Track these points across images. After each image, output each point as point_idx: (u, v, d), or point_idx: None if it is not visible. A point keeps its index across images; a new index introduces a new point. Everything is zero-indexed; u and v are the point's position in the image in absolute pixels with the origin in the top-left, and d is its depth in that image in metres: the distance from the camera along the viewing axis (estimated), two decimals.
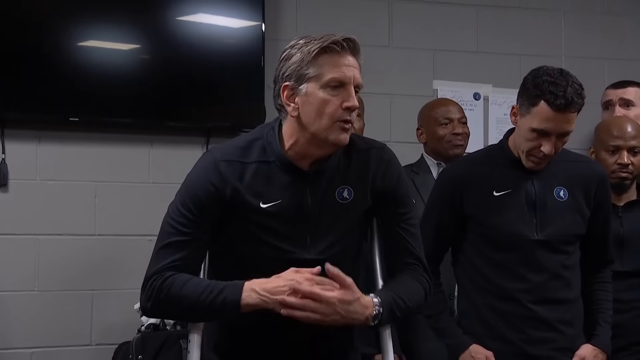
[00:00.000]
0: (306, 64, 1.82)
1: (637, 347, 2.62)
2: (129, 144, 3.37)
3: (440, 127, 3.10)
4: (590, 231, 2.38)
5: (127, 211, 3.34)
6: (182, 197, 1.89)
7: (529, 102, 2.25)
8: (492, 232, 2.33)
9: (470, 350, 2.32)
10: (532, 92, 2.24)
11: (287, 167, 1.89)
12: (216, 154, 1.92)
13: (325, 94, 1.83)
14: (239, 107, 3.44)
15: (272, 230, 1.88)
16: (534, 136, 2.26)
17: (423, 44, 3.74)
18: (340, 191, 1.92)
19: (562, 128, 2.24)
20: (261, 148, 1.90)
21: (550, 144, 2.25)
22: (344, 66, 1.83)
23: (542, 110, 2.22)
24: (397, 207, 1.97)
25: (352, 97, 1.83)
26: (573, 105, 2.20)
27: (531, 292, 2.30)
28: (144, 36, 3.33)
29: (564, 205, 2.33)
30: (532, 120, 2.24)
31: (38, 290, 3.24)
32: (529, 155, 2.30)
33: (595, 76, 3.72)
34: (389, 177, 1.95)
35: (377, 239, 2.01)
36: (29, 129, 3.25)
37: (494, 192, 2.33)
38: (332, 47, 1.82)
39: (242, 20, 3.45)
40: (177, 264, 1.84)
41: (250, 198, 1.87)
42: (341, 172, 1.92)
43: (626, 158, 2.66)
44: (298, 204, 1.89)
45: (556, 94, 2.19)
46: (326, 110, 1.83)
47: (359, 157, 1.95)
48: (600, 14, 3.97)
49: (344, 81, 1.83)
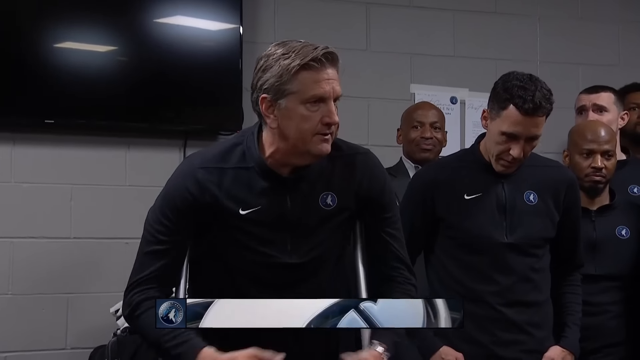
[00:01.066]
0: (286, 80, 1.80)
1: (608, 349, 2.64)
2: (105, 146, 3.35)
3: (412, 129, 3.14)
4: (560, 235, 2.41)
5: (103, 214, 3.32)
6: (161, 205, 1.90)
7: (499, 106, 2.29)
8: (463, 235, 2.35)
9: (440, 352, 2.34)
10: (502, 95, 2.28)
11: (266, 173, 1.89)
12: (195, 161, 1.92)
13: (305, 109, 1.81)
14: (217, 110, 3.44)
15: (252, 235, 1.88)
16: (503, 140, 2.29)
17: (400, 47, 3.76)
18: (324, 197, 1.92)
19: (530, 132, 2.27)
20: (241, 153, 1.90)
21: (519, 147, 2.28)
22: (323, 81, 1.81)
23: (511, 113, 2.26)
24: (383, 212, 1.97)
25: (332, 113, 1.82)
26: (541, 110, 2.24)
27: (500, 294, 2.32)
28: (121, 38, 3.31)
29: (534, 209, 2.36)
30: (502, 124, 2.28)
31: (12, 294, 3.21)
32: (499, 159, 2.33)
33: (569, 81, 3.76)
34: (374, 183, 1.95)
35: (360, 243, 2.00)
36: (4, 131, 3.22)
37: (465, 195, 2.36)
38: (312, 64, 1.79)
39: (220, 23, 3.44)
40: (157, 273, 1.88)
41: (230, 204, 1.87)
42: (324, 177, 1.92)
43: (600, 162, 2.68)
44: (278, 210, 1.89)
45: (525, 98, 2.23)
46: (305, 126, 1.82)
47: (343, 163, 1.94)
48: (575, 19, 4.02)
49: (324, 97, 1.81)
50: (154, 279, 1.87)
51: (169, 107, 3.38)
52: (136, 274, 1.89)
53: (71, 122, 3.27)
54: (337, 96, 1.84)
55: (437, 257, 2.42)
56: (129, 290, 1.90)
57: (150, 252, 1.89)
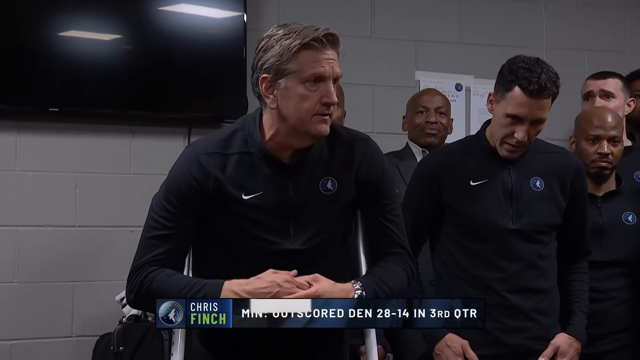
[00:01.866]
0: (286, 60, 1.81)
1: (615, 336, 2.64)
2: (109, 134, 3.35)
3: (417, 114, 3.14)
4: (567, 222, 2.40)
5: (107, 202, 3.33)
6: (165, 191, 1.91)
7: (504, 88, 2.28)
8: (469, 222, 2.34)
9: (445, 340, 2.33)
10: (507, 77, 2.28)
11: (268, 159, 1.89)
12: (197, 147, 1.92)
13: (304, 89, 1.82)
14: (221, 98, 3.43)
15: (254, 221, 1.89)
16: (508, 122, 2.28)
17: (405, 34, 3.75)
18: (324, 182, 1.92)
19: (535, 114, 2.26)
20: (243, 139, 1.91)
21: (523, 130, 2.27)
22: (323, 61, 1.82)
23: (516, 95, 2.25)
24: (381, 198, 1.97)
25: (331, 93, 1.83)
26: (546, 91, 2.23)
27: (506, 281, 2.31)
28: (125, 26, 3.31)
29: (540, 195, 2.35)
30: (507, 106, 2.27)
31: (18, 282, 3.22)
32: (503, 143, 2.32)
33: (575, 67, 3.75)
34: (373, 169, 1.95)
35: (362, 230, 2.01)
36: (8, 120, 3.22)
37: (471, 181, 2.35)
38: (313, 44, 1.81)
39: (224, 11, 3.43)
40: (161, 257, 1.87)
41: (233, 190, 1.87)
42: (324, 163, 1.93)
43: (606, 148, 2.67)
44: (280, 196, 1.89)
45: (530, 79, 2.22)
46: (305, 106, 1.83)
47: (342, 149, 1.95)
48: (580, 5, 4.00)
49: (324, 76, 1.83)
50: (156, 262, 1.87)
51: (173, 96, 3.37)
52: (138, 259, 1.89)
53: (76, 110, 3.27)
54: (337, 77, 1.85)
55: (442, 244, 2.41)
56: (131, 275, 1.89)
57: (153, 237, 1.88)
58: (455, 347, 2.32)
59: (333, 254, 1.95)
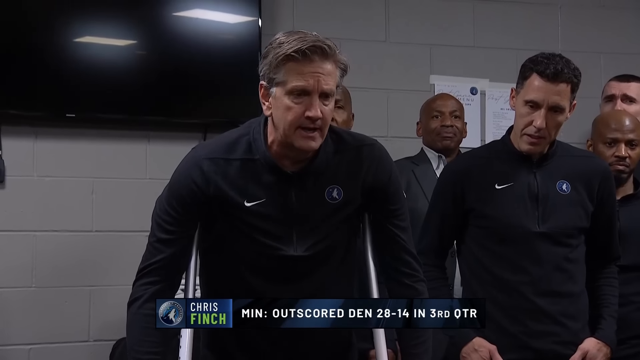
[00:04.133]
0: (274, 69, 1.79)
1: (635, 341, 2.61)
2: (125, 140, 3.36)
3: (432, 119, 3.13)
4: (595, 226, 2.38)
5: (124, 207, 3.34)
6: (167, 195, 1.91)
7: (522, 77, 2.30)
8: (494, 225, 2.33)
9: (473, 343, 2.31)
10: (526, 66, 2.30)
11: (271, 167, 1.88)
12: (201, 151, 1.91)
13: (289, 101, 1.79)
14: (236, 103, 3.44)
15: (257, 228, 1.88)
16: (527, 110, 2.28)
17: (420, 38, 3.74)
18: (330, 191, 1.90)
19: (552, 99, 2.25)
20: (247, 144, 1.89)
21: (541, 117, 2.26)
22: (307, 74, 1.77)
23: (533, 80, 2.26)
24: (389, 203, 1.96)
25: (315, 107, 1.78)
26: (562, 75, 2.24)
27: (533, 284, 2.29)
28: (140, 32, 3.32)
29: (567, 198, 2.33)
30: (525, 93, 2.28)
31: (35, 287, 3.24)
32: (523, 135, 2.31)
33: (591, 70, 3.71)
34: (380, 174, 1.94)
35: (369, 236, 2.00)
36: (26, 126, 3.24)
37: (496, 185, 2.33)
38: (294, 56, 1.76)
39: (239, 16, 3.44)
40: (163, 263, 1.89)
41: (235, 196, 1.86)
42: (330, 171, 1.91)
43: (624, 151, 2.66)
44: (283, 204, 1.88)
45: (547, 64, 2.25)
46: (288, 117, 1.80)
47: (349, 156, 1.93)
48: (596, 7, 3.98)
49: (306, 89, 1.78)
50: (159, 269, 1.89)
51: (188, 100, 3.39)
52: (143, 263, 1.92)
53: (92, 115, 3.29)
54: (324, 92, 1.80)
55: (468, 247, 2.39)
56: (136, 279, 1.93)
57: (157, 242, 1.90)
58: (483, 351, 2.30)
59: (337, 260, 1.94)
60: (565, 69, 2.24)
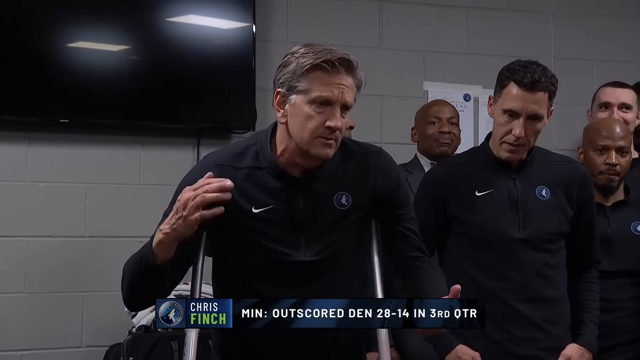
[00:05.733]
0: (297, 77, 1.83)
1: (624, 347, 2.62)
2: (119, 145, 3.37)
3: (429, 125, 3.14)
4: (575, 231, 2.39)
5: (117, 213, 3.34)
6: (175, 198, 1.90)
7: (500, 86, 2.31)
8: (475, 232, 2.34)
9: (456, 351, 2.31)
10: (503, 75, 2.31)
11: (278, 173, 1.90)
12: (210, 159, 1.94)
13: (310, 109, 1.83)
14: (230, 109, 3.44)
15: (265, 234, 1.89)
16: (505, 119, 2.29)
17: (413, 45, 3.76)
18: (339, 197, 1.92)
19: (530, 108, 2.26)
20: (254, 154, 1.92)
21: (520, 126, 2.27)
22: (333, 85, 1.82)
23: (510, 89, 2.27)
24: (398, 209, 1.98)
25: (336, 118, 1.83)
26: (540, 84, 2.24)
27: (514, 290, 2.30)
28: (133, 37, 3.33)
29: (546, 203, 2.34)
30: (503, 102, 2.29)
31: (28, 292, 3.24)
32: (502, 143, 2.32)
33: (583, 77, 3.74)
34: (388, 181, 1.96)
35: (376, 241, 2.00)
36: (19, 131, 3.24)
37: (476, 192, 2.35)
38: (323, 66, 1.81)
39: (233, 22, 3.45)
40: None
41: (243, 203, 1.88)
42: (338, 178, 1.93)
43: (614, 158, 2.67)
44: (290, 209, 1.89)
45: (524, 73, 2.25)
46: (308, 126, 1.83)
47: (356, 163, 1.95)
48: (588, 15, 4.00)
49: (330, 100, 1.82)
50: None
51: (182, 106, 3.39)
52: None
53: (85, 121, 3.29)
54: (345, 104, 1.84)
55: (449, 255, 2.41)
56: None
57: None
58: (466, 358, 2.31)
59: (345, 265, 1.95)
60: (542, 77, 2.24)
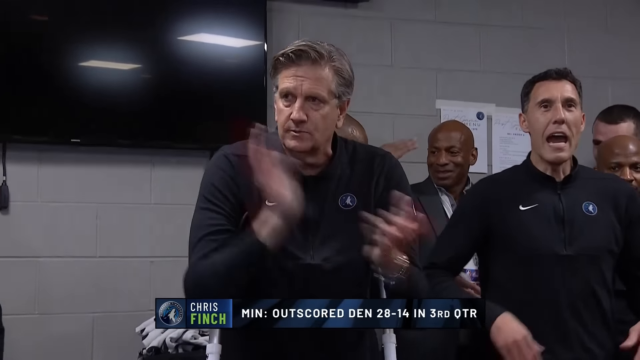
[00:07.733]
0: (273, 75, 1.90)
1: None
2: (130, 164, 3.35)
3: (430, 154, 3.11)
4: (629, 249, 2.32)
5: (129, 233, 3.32)
6: (201, 199, 1.90)
7: (526, 94, 2.34)
8: (519, 248, 2.27)
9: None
10: (526, 84, 2.36)
11: None
12: (226, 149, 1.95)
13: (280, 104, 1.88)
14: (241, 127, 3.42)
15: None
16: (542, 112, 2.29)
17: (426, 63, 3.74)
18: (344, 198, 1.93)
19: (563, 94, 2.28)
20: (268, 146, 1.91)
21: (558, 111, 2.26)
22: (292, 77, 1.85)
23: (538, 87, 2.32)
24: None
25: (296, 109, 1.84)
26: (566, 74, 2.30)
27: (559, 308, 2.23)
28: (145, 56, 3.33)
29: (594, 219, 2.28)
30: (534, 101, 2.31)
31: (38, 313, 3.22)
32: (549, 138, 2.28)
33: (599, 94, 3.71)
34: (391, 181, 1.95)
35: None
36: (30, 151, 3.24)
37: (520, 206, 2.29)
38: (282, 60, 1.85)
39: (244, 40, 3.45)
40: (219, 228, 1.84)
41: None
42: (344, 179, 1.94)
43: (628, 174, 2.65)
44: None
45: (546, 72, 2.32)
46: (280, 120, 1.89)
47: (362, 165, 1.97)
48: (603, 33, 3.98)
49: (290, 92, 1.85)
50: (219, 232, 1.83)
51: (193, 125, 3.38)
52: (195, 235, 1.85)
53: (96, 140, 3.28)
54: (310, 95, 1.84)
55: (491, 270, 2.34)
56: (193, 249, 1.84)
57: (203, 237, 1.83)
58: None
59: (356, 272, 1.93)
60: (566, 69, 2.32)
